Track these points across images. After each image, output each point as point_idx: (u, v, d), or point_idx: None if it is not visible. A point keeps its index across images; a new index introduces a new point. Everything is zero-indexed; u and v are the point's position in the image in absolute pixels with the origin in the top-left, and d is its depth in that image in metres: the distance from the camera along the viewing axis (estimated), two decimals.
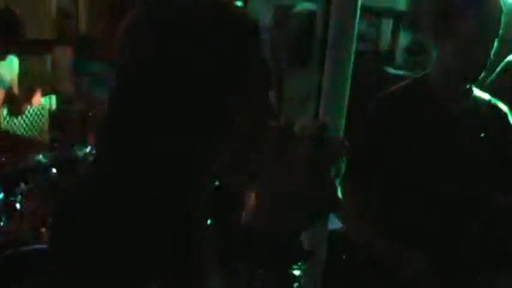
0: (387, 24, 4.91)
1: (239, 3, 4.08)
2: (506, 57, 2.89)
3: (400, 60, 4.61)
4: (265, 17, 4.19)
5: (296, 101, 3.77)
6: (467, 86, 2.00)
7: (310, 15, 3.95)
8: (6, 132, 3.88)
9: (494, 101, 2.08)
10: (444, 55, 1.94)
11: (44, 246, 1.52)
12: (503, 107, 2.08)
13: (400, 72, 3.99)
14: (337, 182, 0.87)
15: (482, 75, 1.98)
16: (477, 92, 2.04)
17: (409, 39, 4.57)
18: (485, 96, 2.07)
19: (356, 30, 2.13)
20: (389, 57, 4.73)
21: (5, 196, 2.54)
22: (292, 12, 4.05)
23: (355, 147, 1.95)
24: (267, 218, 0.88)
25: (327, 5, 2.85)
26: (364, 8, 2.14)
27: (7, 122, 3.98)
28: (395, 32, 4.82)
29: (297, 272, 0.89)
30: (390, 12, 4.91)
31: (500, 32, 1.93)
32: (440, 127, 1.96)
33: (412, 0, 4.76)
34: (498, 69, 2.91)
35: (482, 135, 1.98)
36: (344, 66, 2.10)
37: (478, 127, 1.99)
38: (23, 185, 2.59)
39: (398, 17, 4.89)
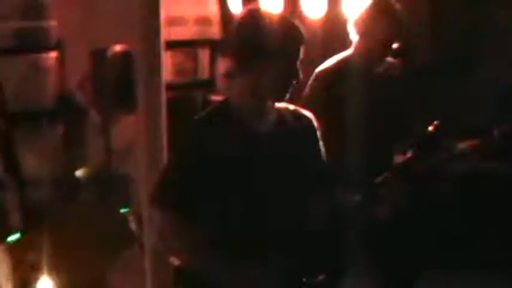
0: (205, 54, 5.06)
1: None
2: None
3: (220, 87, 4.77)
4: (84, 64, 4.12)
5: (125, 147, 3.72)
6: (269, 103, 2.12)
7: (126, 56, 3.94)
8: None
9: (298, 110, 2.22)
10: (242, 82, 2.06)
11: None
12: (308, 114, 2.23)
13: (222, 97, 4.12)
14: (130, 216, 0.91)
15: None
16: (280, 104, 2.17)
17: (225, 66, 4.73)
18: (289, 106, 2.20)
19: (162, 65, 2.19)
20: (210, 84, 4.87)
21: None
22: (107, 55, 4.02)
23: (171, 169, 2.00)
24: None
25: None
26: (177, 42, 2.19)
27: None
28: (213, 60, 4.98)
29: None
30: (206, 42, 5.06)
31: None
32: (245, 143, 2.06)
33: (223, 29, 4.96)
34: (309, 82, 3.12)
35: (288, 145, 2.10)
36: (155, 102, 2.14)
37: (282, 138, 2.11)
38: None
39: (214, 46, 5.05)
